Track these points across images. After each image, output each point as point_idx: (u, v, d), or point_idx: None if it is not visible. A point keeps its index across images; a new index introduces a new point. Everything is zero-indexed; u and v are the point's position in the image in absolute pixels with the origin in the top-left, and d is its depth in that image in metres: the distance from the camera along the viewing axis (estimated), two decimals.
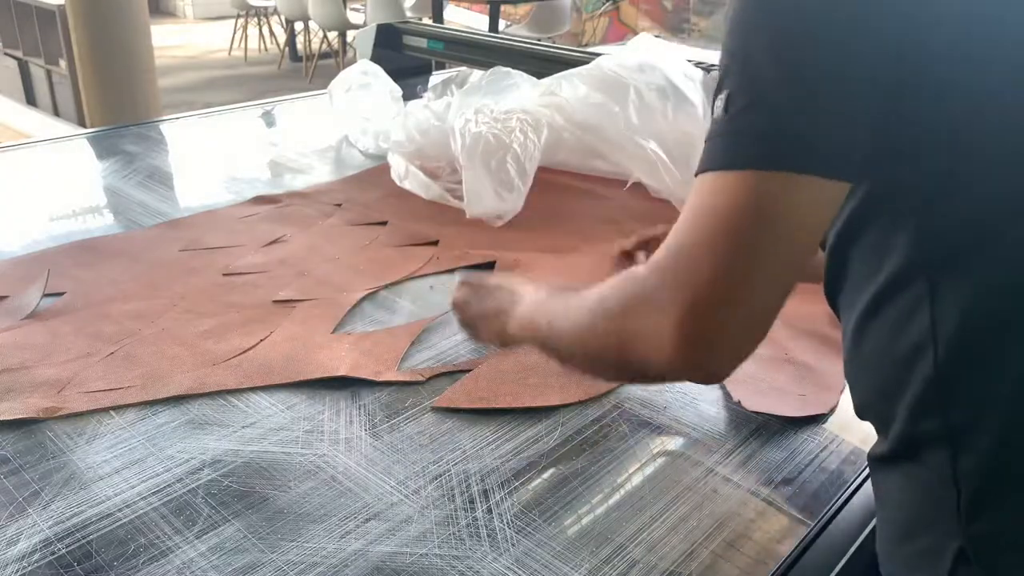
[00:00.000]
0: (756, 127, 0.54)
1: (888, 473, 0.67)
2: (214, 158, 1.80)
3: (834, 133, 0.53)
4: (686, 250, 0.56)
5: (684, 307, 0.55)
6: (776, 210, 0.54)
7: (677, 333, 0.55)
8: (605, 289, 0.63)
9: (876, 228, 0.61)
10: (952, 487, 0.60)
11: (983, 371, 0.59)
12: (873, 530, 0.80)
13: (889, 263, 0.61)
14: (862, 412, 0.71)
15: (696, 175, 0.57)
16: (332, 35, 6.84)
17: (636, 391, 1.00)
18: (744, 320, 0.56)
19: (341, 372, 1.00)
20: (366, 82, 1.89)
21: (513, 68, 1.73)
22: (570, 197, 1.59)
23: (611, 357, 0.63)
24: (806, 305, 1.21)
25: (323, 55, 6.94)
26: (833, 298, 0.70)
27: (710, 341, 0.56)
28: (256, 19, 7.55)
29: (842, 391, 1.01)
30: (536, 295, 0.79)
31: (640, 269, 0.59)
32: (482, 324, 0.87)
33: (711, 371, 0.58)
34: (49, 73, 5.30)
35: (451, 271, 1.30)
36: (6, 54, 5.57)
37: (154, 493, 0.81)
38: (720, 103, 0.56)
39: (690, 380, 0.60)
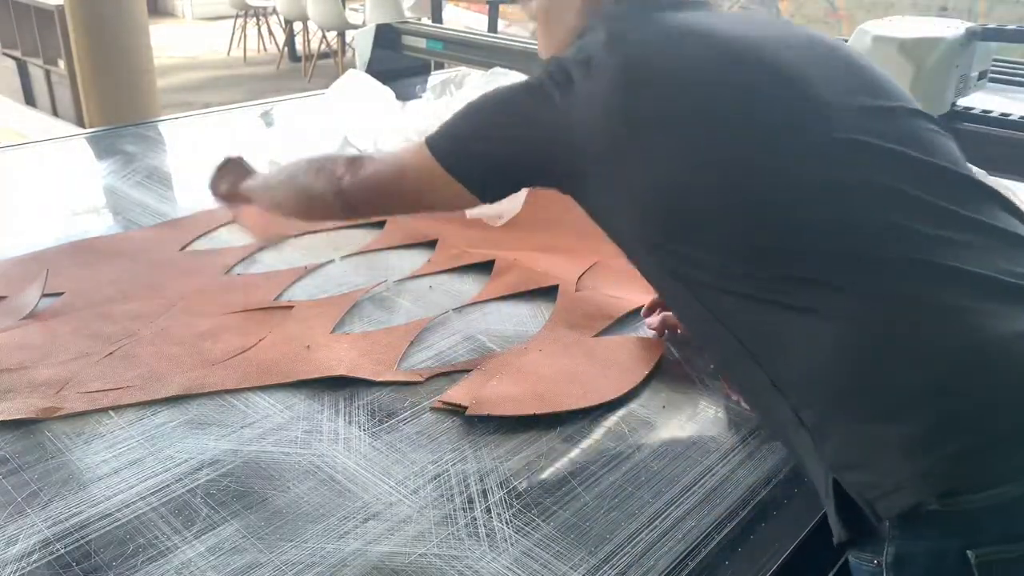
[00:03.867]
0: (446, 138, 0.89)
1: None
2: (213, 158, 1.80)
3: (474, 163, 0.89)
4: (375, 174, 0.94)
5: (349, 195, 0.94)
6: (428, 181, 0.89)
7: (340, 201, 0.95)
8: (315, 160, 1.00)
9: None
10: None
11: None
12: None
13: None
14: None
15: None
16: (331, 35, 6.83)
17: (635, 394, 1.00)
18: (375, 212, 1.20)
19: (340, 372, 1.00)
20: (360, 89, 1.89)
21: (512, 68, 1.73)
22: (569, 197, 1.58)
23: (301, 199, 1.01)
24: None
25: (322, 55, 6.94)
26: None
27: (355, 211, 1.03)
28: (255, 19, 7.55)
29: None
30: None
31: (339, 166, 0.95)
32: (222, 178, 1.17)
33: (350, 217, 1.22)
34: (48, 73, 5.29)
35: (450, 271, 1.30)
36: (5, 54, 5.57)
37: (153, 493, 0.81)
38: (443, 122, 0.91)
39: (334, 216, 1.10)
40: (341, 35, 6.61)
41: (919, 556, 0.66)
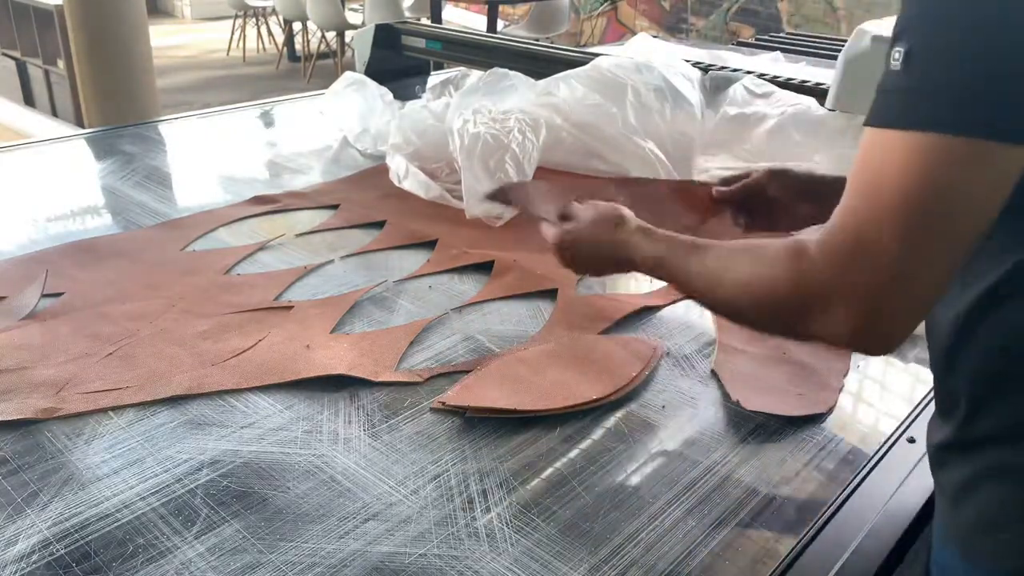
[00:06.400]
0: (944, 84, 0.50)
1: (969, 462, 0.65)
2: (212, 158, 1.80)
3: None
4: (862, 231, 0.55)
5: (863, 296, 0.56)
6: (963, 180, 0.51)
7: (856, 320, 0.57)
8: (769, 255, 0.63)
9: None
10: None
11: None
12: (871, 531, 0.80)
13: None
14: (966, 398, 0.65)
15: (866, 125, 0.55)
16: (330, 35, 6.83)
17: (635, 394, 1.00)
18: (920, 297, 0.56)
19: (339, 371, 1.00)
20: (357, 90, 1.89)
21: (511, 68, 1.73)
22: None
23: (779, 325, 0.66)
24: None
25: (321, 55, 6.94)
26: None
27: (888, 322, 0.57)
28: (254, 19, 7.55)
29: (840, 390, 1.01)
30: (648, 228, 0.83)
31: (809, 247, 0.58)
32: (594, 233, 0.88)
33: (886, 346, 0.59)
34: (47, 73, 5.29)
35: (450, 271, 1.30)
36: (4, 54, 5.56)
37: (153, 494, 0.81)
38: (898, 55, 0.52)
39: (863, 353, 0.68)
40: (340, 35, 6.61)
41: None
